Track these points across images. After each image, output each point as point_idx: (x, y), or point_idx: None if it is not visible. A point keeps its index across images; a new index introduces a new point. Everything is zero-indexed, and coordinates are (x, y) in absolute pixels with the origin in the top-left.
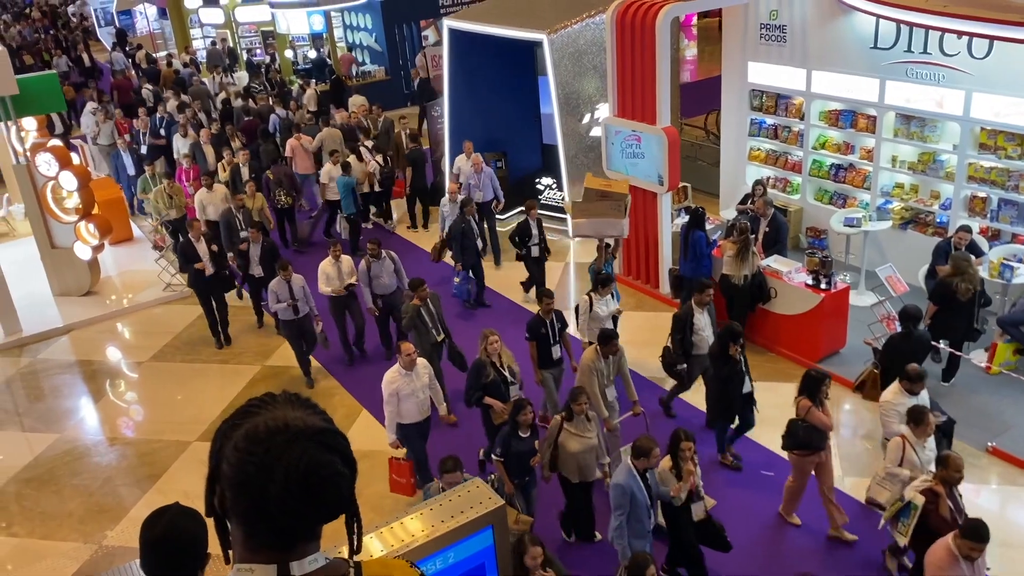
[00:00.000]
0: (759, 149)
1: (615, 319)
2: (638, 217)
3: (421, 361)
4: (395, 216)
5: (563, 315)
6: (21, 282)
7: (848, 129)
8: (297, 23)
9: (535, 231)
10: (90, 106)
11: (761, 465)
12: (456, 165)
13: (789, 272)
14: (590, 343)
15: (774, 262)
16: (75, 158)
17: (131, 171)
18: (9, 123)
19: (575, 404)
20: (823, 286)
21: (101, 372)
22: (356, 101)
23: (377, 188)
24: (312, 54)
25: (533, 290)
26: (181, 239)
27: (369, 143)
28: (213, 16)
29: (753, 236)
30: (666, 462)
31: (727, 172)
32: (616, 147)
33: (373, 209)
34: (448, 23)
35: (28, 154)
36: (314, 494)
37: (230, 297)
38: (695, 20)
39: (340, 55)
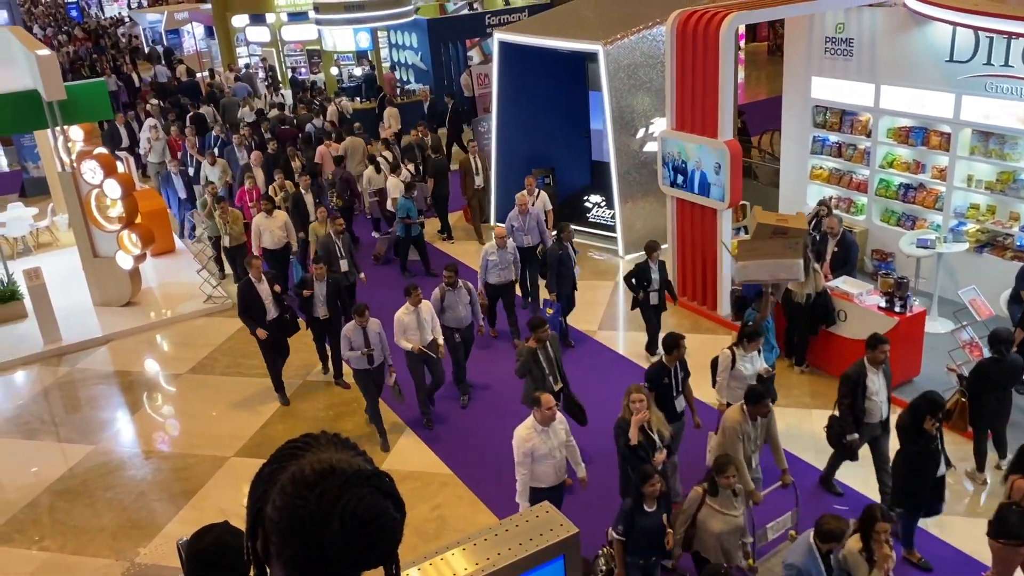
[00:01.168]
0: (822, 167)
1: (761, 379)
2: (695, 235)
3: (559, 416)
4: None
5: (687, 363)
6: (63, 291)
7: (919, 147)
8: (343, 40)
9: (655, 275)
10: (149, 122)
11: (836, 499)
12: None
13: (860, 294)
14: (728, 404)
15: (843, 283)
16: (120, 167)
17: (182, 194)
18: (57, 130)
19: (722, 477)
20: (897, 309)
21: (139, 383)
22: (392, 113)
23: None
24: (357, 71)
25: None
26: (239, 273)
27: (387, 153)
28: (259, 34)
29: (818, 254)
30: (854, 543)
31: (787, 192)
32: (672, 162)
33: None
34: (499, 36)
35: (74, 161)
36: (370, 540)
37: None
38: (743, 44)
39: (384, 74)
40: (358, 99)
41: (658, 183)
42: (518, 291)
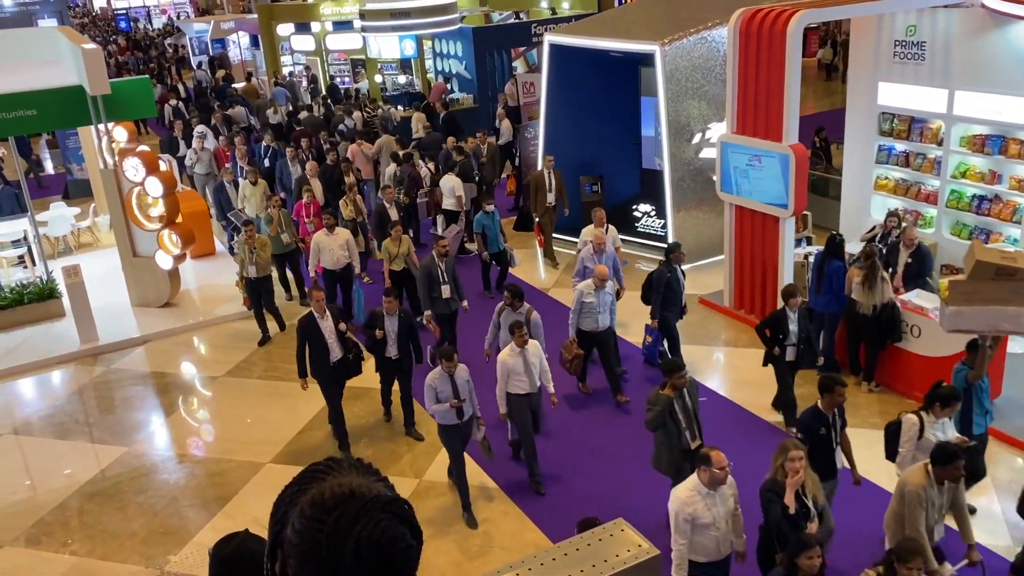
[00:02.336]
0: (887, 178)
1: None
2: (755, 244)
3: (730, 480)
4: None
5: (844, 410)
6: (101, 292)
7: (996, 156)
8: (388, 48)
9: (794, 326)
10: (198, 130)
11: None
12: (582, 238)
13: (935, 308)
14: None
15: (916, 297)
16: (162, 166)
17: (237, 205)
18: (101, 130)
19: (904, 567)
20: None
21: (174, 385)
22: (419, 118)
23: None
24: (401, 79)
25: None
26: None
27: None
28: (304, 43)
29: (891, 268)
30: None
31: (849, 203)
32: (732, 167)
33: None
34: (550, 38)
35: (116, 158)
36: (385, 566)
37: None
38: None
39: (434, 83)
40: (400, 107)
41: (712, 191)
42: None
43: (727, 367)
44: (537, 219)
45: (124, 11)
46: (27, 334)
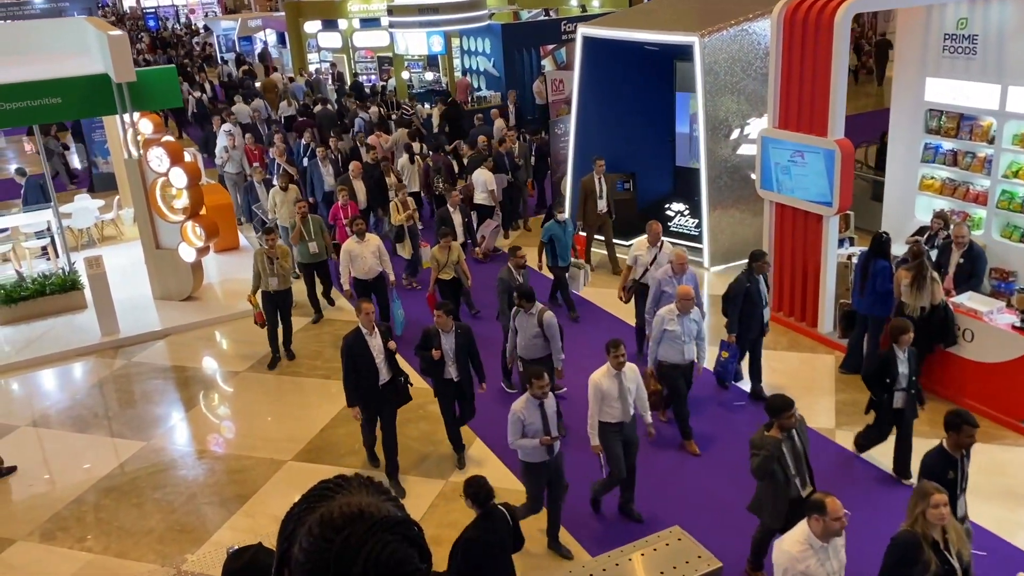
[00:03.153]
0: (933, 177)
1: None
2: (795, 243)
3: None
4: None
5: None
6: (124, 284)
7: None
8: (416, 44)
9: (904, 368)
10: (225, 127)
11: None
12: (632, 254)
13: (990, 312)
14: None
15: (968, 300)
16: (187, 157)
17: (267, 206)
18: (126, 121)
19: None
20: None
21: (195, 380)
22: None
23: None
24: (429, 76)
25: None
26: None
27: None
28: (331, 40)
29: (942, 268)
30: None
31: (892, 204)
32: (773, 163)
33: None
34: (583, 31)
35: (140, 148)
36: None
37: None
38: None
39: (458, 80)
40: (427, 104)
41: (749, 189)
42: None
43: (768, 371)
44: (583, 228)
45: (153, 10)
46: (48, 325)
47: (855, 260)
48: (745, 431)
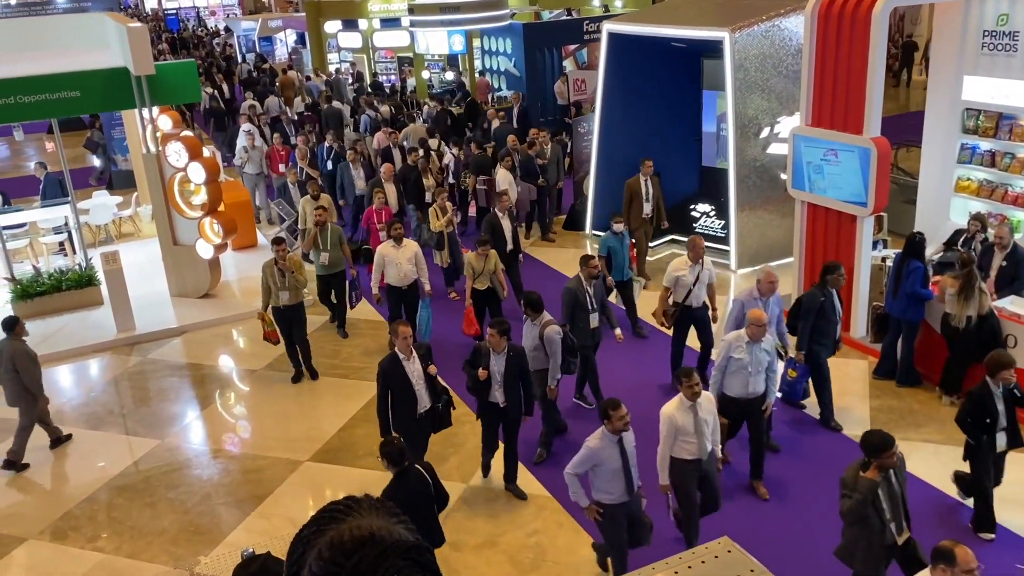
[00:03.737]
0: (970, 179)
1: None
2: (827, 244)
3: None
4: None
5: None
6: (141, 281)
7: None
8: (437, 44)
9: (1002, 405)
10: (245, 127)
11: (1017, 558)
12: (671, 273)
13: None
14: None
15: (1011, 304)
16: (206, 152)
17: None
18: (145, 117)
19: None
20: None
21: (211, 378)
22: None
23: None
24: (450, 75)
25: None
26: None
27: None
28: (351, 40)
29: (982, 271)
30: None
31: (926, 206)
32: (805, 162)
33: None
34: (609, 27)
35: (159, 144)
36: None
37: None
38: None
39: (478, 80)
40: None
41: (778, 190)
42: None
43: None
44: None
45: (174, 12)
46: (64, 321)
47: (888, 263)
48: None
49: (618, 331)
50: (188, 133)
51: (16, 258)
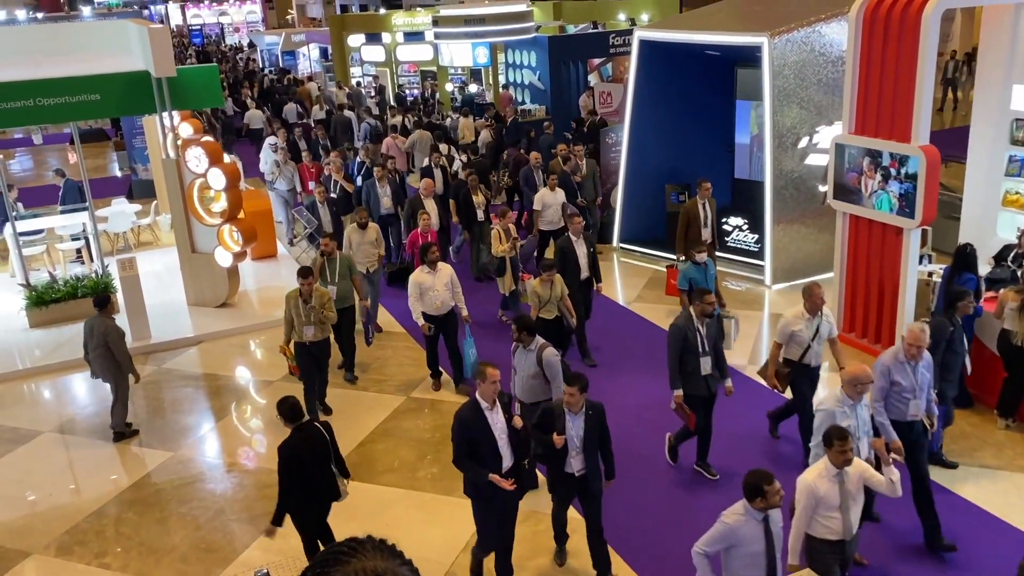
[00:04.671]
0: (1018, 192)
1: None
2: (871, 258)
3: None
4: None
5: None
6: (158, 290)
7: None
8: (461, 56)
9: None
10: (269, 141)
11: None
12: (784, 328)
13: None
14: None
15: None
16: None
17: (329, 230)
18: (166, 123)
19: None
20: None
21: (227, 389)
22: (466, 124)
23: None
24: (473, 88)
25: None
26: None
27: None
28: (374, 54)
29: None
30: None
31: (970, 221)
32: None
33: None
34: (640, 34)
35: (179, 147)
36: None
37: None
38: None
39: (501, 93)
40: (472, 117)
41: (815, 203)
42: None
43: None
44: (676, 263)
45: (199, 27)
46: (78, 329)
47: (935, 278)
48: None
49: (728, 383)
50: (208, 139)
51: (33, 265)
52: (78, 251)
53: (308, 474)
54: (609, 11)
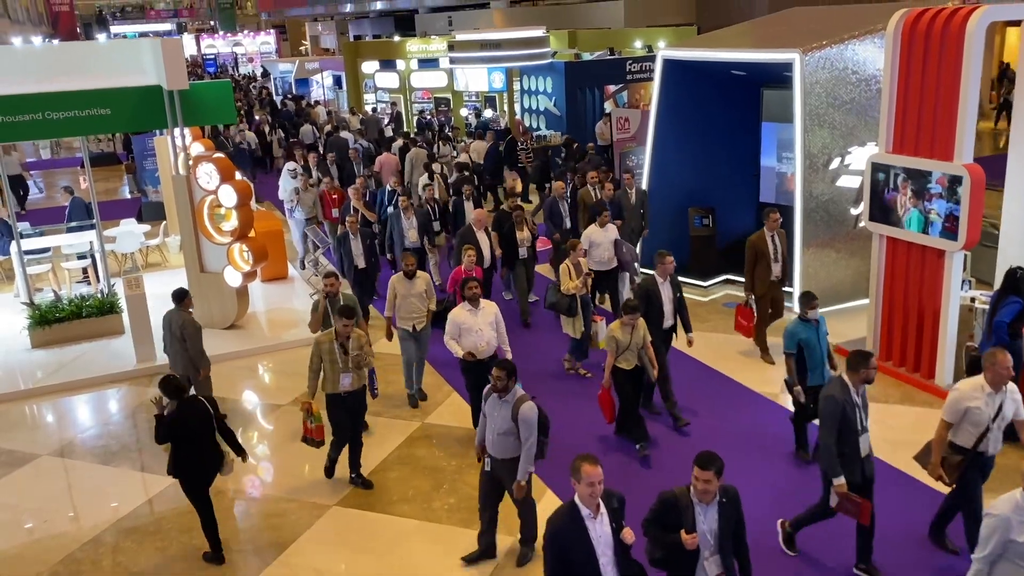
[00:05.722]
0: None
1: None
2: (909, 283)
3: None
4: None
5: None
6: (165, 311)
7: None
8: (477, 81)
9: None
10: (289, 167)
11: None
12: (960, 403)
13: None
14: None
15: None
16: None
17: (360, 264)
18: (177, 140)
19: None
20: None
21: (234, 412)
22: (476, 147)
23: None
24: (489, 112)
25: None
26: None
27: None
28: (388, 80)
29: None
30: None
31: (1010, 248)
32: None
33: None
34: (664, 53)
35: (190, 164)
36: None
37: None
38: None
39: (514, 119)
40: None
41: (847, 227)
42: None
43: (882, 427)
44: (750, 301)
45: (212, 57)
46: (83, 349)
47: (977, 304)
48: None
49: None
50: (220, 155)
51: (38, 284)
52: (84, 271)
53: (196, 442)
54: (625, 39)
